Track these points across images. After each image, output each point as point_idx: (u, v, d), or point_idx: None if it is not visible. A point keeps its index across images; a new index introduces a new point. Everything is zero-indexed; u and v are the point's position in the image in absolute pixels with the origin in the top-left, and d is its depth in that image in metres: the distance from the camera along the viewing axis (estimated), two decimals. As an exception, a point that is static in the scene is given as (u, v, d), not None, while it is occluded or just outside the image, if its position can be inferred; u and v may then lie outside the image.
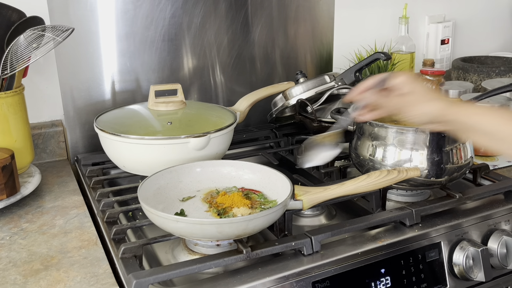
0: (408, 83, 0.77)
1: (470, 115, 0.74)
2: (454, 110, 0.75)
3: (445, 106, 0.75)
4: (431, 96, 0.75)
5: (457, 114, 0.74)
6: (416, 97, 0.75)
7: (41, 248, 0.89)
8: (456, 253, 0.93)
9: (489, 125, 0.74)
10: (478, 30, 1.93)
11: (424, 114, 0.76)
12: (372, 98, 0.77)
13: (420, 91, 0.75)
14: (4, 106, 1.06)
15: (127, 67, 1.31)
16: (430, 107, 0.75)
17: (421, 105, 0.75)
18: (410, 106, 0.76)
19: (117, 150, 1.10)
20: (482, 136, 0.76)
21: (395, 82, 0.77)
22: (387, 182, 0.90)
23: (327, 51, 1.57)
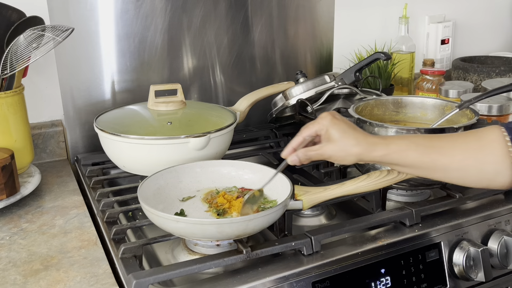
0: (327, 130, 0.80)
1: (390, 154, 0.78)
2: (374, 150, 0.79)
3: (366, 148, 0.78)
4: (352, 141, 0.78)
5: (378, 153, 0.79)
6: (337, 144, 0.79)
7: (41, 248, 0.89)
8: (456, 253, 0.93)
9: (409, 160, 0.78)
10: (478, 30, 1.93)
11: (349, 160, 0.80)
12: (304, 156, 0.81)
13: (338, 136, 0.79)
14: (4, 106, 1.06)
15: (127, 67, 1.31)
16: (352, 152, 0.79)
17: (343, 152, 0.79)
18: (335, 154, 0.80)
19: (117, 150, 1.10)
20: (403, 168, 0.81)
21: (319, 129, 0.81)
22: (387, 182, 0.90)
23: (327, 51, 1.57)
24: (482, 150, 0.77)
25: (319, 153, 0.80)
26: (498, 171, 0.75)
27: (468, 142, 0.78)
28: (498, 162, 0.75)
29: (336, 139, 0.79)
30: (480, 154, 0.77)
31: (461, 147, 0.78)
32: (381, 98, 1.17)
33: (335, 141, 0.79)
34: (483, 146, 0.77)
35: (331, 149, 0.79)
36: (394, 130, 0.97)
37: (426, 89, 1.56)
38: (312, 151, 0.81)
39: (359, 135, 0.80)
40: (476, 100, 1.02)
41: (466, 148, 0.78)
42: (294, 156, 0.82)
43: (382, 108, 1.15)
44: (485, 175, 0.77)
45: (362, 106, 1.12)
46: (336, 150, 0.79)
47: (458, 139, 0.80)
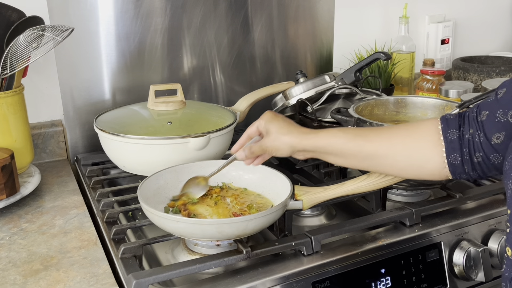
0: (265, 125, 0.85)
1: (319, 140, 0.81)
2: (305, 138, 0.82)
3: (297, 137, 0.82)
4: (285, 131, 0.83)
5: (308, 141, 0.82)
6: (273, 136, 0.83)
7: (40, 248, 0.89)
8: (456, 253, 0.93)
9: (337, 146, 0.80)
10: (478, 30, 1.93)
11: (283, 149, 0.83)
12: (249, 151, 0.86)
13: (275, 129, 0.84)
14: (4, 106, 1.06)
15: (127, 67, 1.31)
16: (284, 141, 0.83)
17: (278, 142, 0.83)
18: (271, 144, 0.84)
19: (117, 150, 1.10)
20: (334, 157, 0.82)
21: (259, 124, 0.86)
22: (387, 182, 0.90)
23: (327, 51, 1.57)
24: (411, 137, 0.77)
25: (259, 146, 0.85)
26: (428, 157, 0.76)
27: (398, 130, 0.80)
28: (428, 148, 0.75)
29: (272, 132, 0.84)
30: (408, 141, 0.77)
31: (388, 135, 0.79)
32: (381, 98, 1.16)
33: (271, 134, 0.84)
34: (413, 133, 0.78)
35: (268, 141, 0.84)
36: (394, 130, 0.97)
37: (426, 89, 1.56)
38: (254, 145, 0.85)
39: (292, 128, 0.84)
40: (476, 100, 1.02)
41: (393, 135, 0.79)
42: (241, 152, 0.87)
43: (382, 108, 1.15)
44: (414, 161, 0.77)
45: (362, 106, 1.12)
46: (271, 141, 0.84)
47: (387, 129, 0.81)
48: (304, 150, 0.83)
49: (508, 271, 0.64)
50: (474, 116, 0.73)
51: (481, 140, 0.71)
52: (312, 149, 0.83)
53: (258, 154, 0.86)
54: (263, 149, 0.85)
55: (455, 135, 0.74)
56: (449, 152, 0.74)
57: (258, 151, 0.85)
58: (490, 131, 0.70)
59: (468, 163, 0.74)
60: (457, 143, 0.74)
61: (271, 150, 0.84)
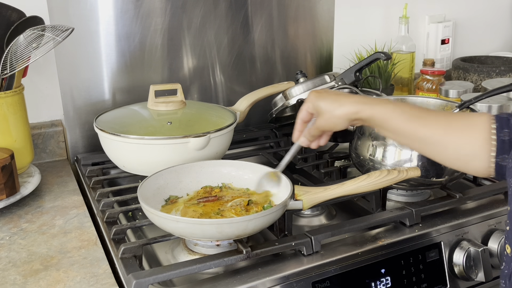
0: (314, 106, 0.84)
1: (375, 113, 0.80)
2: (361, 109, 0.81)
3: (351, 107, 0.81)
4: (336, 105, 0.82)
5: (364, 112, 0.81)
6: (326, 114, 0.82)
7: (40, 248, 0.89)
8: (456, 253, 0.93)
9: (392, 123, 0.79)
10: (478, 30, 1.93)
11: (340, 123, 0.83)
12: (308, 134, 0.86)
13: (325, 108, 0.82)
14: (4, 106, 1.06)
15: (127, 67, 1.31)
16: (339, 115, 0.82)
17: (333, 119, 0.82)
18: (326, 123, 0.83)
19: (117, 150, 1.10)
20: (388, 132, 0.82)
21: (307, 107, 0.85)
22: (387, 182, 0.90)
23: (327, 51, 1.57)
24: (465, 130, 0.76)
25: (316, 127, 0.84)
26: (476, 154, 0.75)
27: (453, 120, 0.78)
28: (478, 145, 0.75)
29: (324, 109, 0.83)
30: (461, 134, 0.76)
31: (445, 123, 0.78)
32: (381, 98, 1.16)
33: (324, 112, 0.83)
34: (467, 127, 0.77)
35: (323, 119, 0.83)
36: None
37: (426, 89, 1.56)
38: (312, 128, 0.85)
39: (343, 98, 0.83)
40: (476, 100, 1.02)
41: (449, 125, 0.78)
42: (302, 138, 0.87)
43: (382, 108, 1.15)
44: (462, 155, 0.77)
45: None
46: (326, 118, 0.83)
47: (445, 115, 0.80)
48: (360, 119, 0.82)
49: (508, 268, 0.64)
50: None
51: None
52: (367, 120, 0.81)
53: (318, 135, 0.86)
54: (321, 130, 0.84)
55: (507, 136, 0.73)
56: (499, 153, 0.73)
57: (317, 133, 0.85)
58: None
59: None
60: (508, 144, 0.72)
61: (329, 128, 0.83)
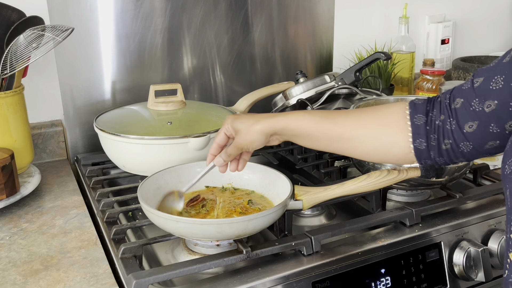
0: (232, 126, 0.83)
1: (288, 122, 0.80)
2: (275, 121, 0.81)
3: (266, 122, 0.81)
4: (252, 121, 0.82)
5: (278, 123, 0.81)
6: (243, 131, 0.82)
7: (41, 248, 0.89)
8: (456, 253, 0.93)
9: (305, 128, 0.80)
10: (478, 30, 1.93)
11: (257, 139, 0.82)
12: (225, 154, 0.85)
13: (242, 125, 0.82)
14: (4, 106, 1.06)
15: (127, 67, 1.31)
16: (256, 130, 0.81)
17: (250, 134, 0.82)
18: (244, 140, 0.82)
19: (117, 150, 1.10)
20: (304, 139, 0.82)
21: (226, 129, 0.84)
22: (387, 182, 0.90)
23: (327, 51, 1.57)
24: (378, 120, 0.77)
25: (233, 146, 0.83)
26: (394, 142, 0.75)
27: (366, 114, 0.79)
28: (394, 132, 0.75)
29: (240, 128, 0.82)
30: (375, 124, 0.77)
31: (355, 118, 0.79)
32: (381, 98, 1.17)
33: (241, 130, 0.82)
34: (381, 116, 0.77)
35: (240, 138, 0.83)
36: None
37: (426, 89, 1.56)
38: (229, 148, 0.84)
39: (258, 116, 0.83)
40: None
41: (361, 118, 0.79)
42: (218, 157, 0.85)
43: (382, 108, 1.15)
44: (379, 145, 0.77)
45: (362, 106, 1.12)
46: (243, 136, 0.82)
47: (357, 111, 0.81)
48: (276, 133, 0.82)
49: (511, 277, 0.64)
50: (447, 103, 0.72)
51: (453, 127, 0.71)
52: (282, 132, 0.82)
53: (235, 155, 0.84)
54: (239, 148, 0.83)
55: (421, 120, 0.74)
56: (415, 137, 0.74)
57: (234, 152, 0.83)
58: (463, 119, 0.70)
59: (434, 149, 0.73)
60: (423, 129, 0.73)
61: (247, 145, 0.83)
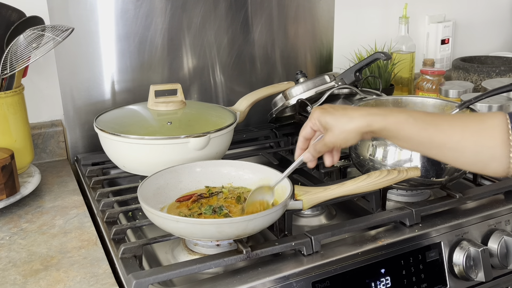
0: (320, 122, 0.81)
1: (388, 124, 0.78)
2: (373, 121, 0.79)
3: (363, 120, 0.79)
4: (346, 119, 0.79)
5: (377, 124, 0.78)
6: (335, 129, 0.80)
7: (40, 248, 0.89)
8: (456, 253, 0.93)
9: (406, 133, 0.77)
10: (478, 30, 1.93)
11: (352, 137, 0.80)
12: (314, 150, 0.83)
13: (334, 122, 0.80)
14: (4, 106, 1.06)
15: (127, 67, 1.31)
16: (350, 129, 0.79)
17: (344, 133, 0.79)
18: (337, 139, 0.80)
19: (117, 150, 1.10)
20: (402, 142, 0.80)
21: (313, 124, 0.82)
22: (387, 182, 0.90)
23: (327, 51, 1.57)
24: (482, 133, 0.75)
25: (324, 144, 0.81)
26: (495, 156, 0.74)
27: (469, 124, 0.77)
28: (496, 147, 0.74)
29: (331, 125, 0.80)
30: (478, 137, 0.75)
31: (460, 127, 0.77)
32: (381, 98, 1.17)
33: (331, 128, 0.80)
34: (483, 129, 0.75)
35: (331, 136, 0.80)
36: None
37: (426, 89, 1.56)
38: (318, 144, 0.82)
39: (351, 112, 0.80)
40: (476, 100, 1.02)
41: (465, 129, 0.76)
42: (307, 153, 0.84)
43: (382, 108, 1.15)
44: (480, 158, 0.75)
45: (362, 106, 1.12)
46: (336, 135, 0.80)
47: (459, 119, 0.78)
48: (372, 131, 0.80)
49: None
50: None
51: None
52: (379, 132, 0.79)
53: (324, 151, 0.83)
54: (329, 146, 0.81)
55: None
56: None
57: (324, 149, 0.82)
58: None
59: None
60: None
61: (340, 144, 0.81)
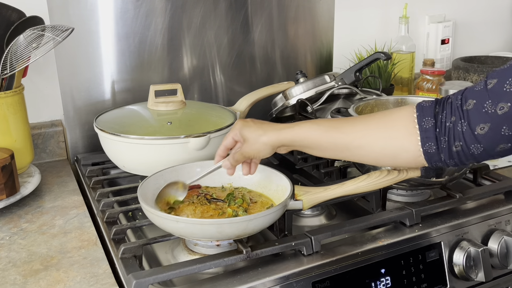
0: (240, 133, 0.85)
1: (295, 134, 0.82)
2: (281, 134, 0.82)
3: (273, 134, 0.82)
4: (260, 132, 0.83)
5: (284, 136, 0.82)
6: (250, 140, 0.84)
7: (40, 248, 0.89)
8: (456, 253, 0.93)
9: (312, 139, 0.81)
10: (478, 30, 1.93)
11: (264, 149, 0.84)
12: (233, 159, 0.86)
13: (250, 135, 0.84)
14: (4, 106, 1.06)
15: (127, 67, 1.31)
16: (263, 141, 0.83)
17: (257, 145, 0.83)
18: (251, 149, 0.84)
19: (117, 150, 1.10)
20: (312, 149, 0.83)
21: (234, 134, 0.86)
22: (387, 182, 0.90)
23: (327, 51, 1.57)
24: (386, 126, 0.77)
25: (241, 153, 0.85)
26: (403, 147, 0.75)
27: (373, 120, 0.79)
28: (403, 138, 0.75)
29: (248, 137, 0.84)
30: (383, 130, 0.77)
31: (363, 125, 0.79)
32: (381, 98, 1.16)
33: (248, 139, 0.84)
34: (388, 122, 0.77)
35: (247, 147, 0.84)
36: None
37: (426, 89, 1.56)
38: (237, 153, 0.86)
39: (266, 126, 0.84)
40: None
41: (368, 125, 0.78)
42: (226, 161, 0.88)
43: (382, 108, 1.15)
44: (389, 151, 0.77)
45: (362, 106, 1.12)
46: (250, 146, 0.84)
47: (364, 118, 0.81)
48: (283, 145, 0.84)
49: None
50: (459, 104, 0.71)
51: (464, 129, 0.70)
52: (290, 144, 0.83)
53: (242, 161, 0.87)
54: (245, 156, 0.85)
55: (430, 123, 0.73)
56: (424, 141, 0.73)
57: (241, 158, 0.86)
58: (474, 121, 0.69)
59: (445, 151, 0.72)
60: (432, 132, 0.73)
61: (254, 154, 0.85)
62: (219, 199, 0.91)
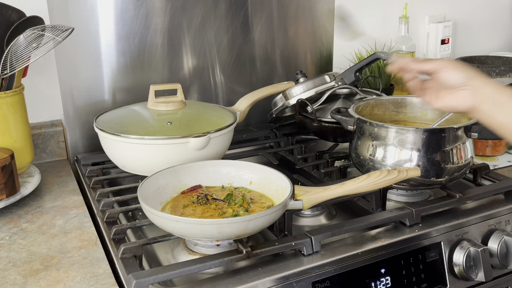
0: (446, 70, 0.77)
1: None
2: (489, 106, 0.75)
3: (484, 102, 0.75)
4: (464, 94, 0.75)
5: (494, 122, 0.75)
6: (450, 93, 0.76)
7: (40, 248, 0.89)
8: (456, 253, 0.93)
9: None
10: (478, 30, 1.93)
11: (458, 106, 0.77)
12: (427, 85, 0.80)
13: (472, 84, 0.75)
14: (4, 106, 1.06)
15: (127, 67, 1.31)
16: (462, 105, 0.76)
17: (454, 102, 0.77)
18: (452, 98, 0.77)
19: (117, 150, 1.10)
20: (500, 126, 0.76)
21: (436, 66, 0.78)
22: (387, 182, 0.90)
23: (327, 51, 1.57)
24: None
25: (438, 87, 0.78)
26: None
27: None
28: None
29: (452, 86, 0.77)
30: None
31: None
32: (381, 98, 1.17)
33: (450, 89, 0.77)
34: None
35: (449, 94, 0.77)
36: (394, 130, 0.97)
37: (426, 89, 1.56)
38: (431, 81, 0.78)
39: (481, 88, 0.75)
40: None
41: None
42: None
43: (382, 108, 1.15)
44: None
45: (362, 106, 1.12)
46: (449, 99, 0.77)
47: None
48: (479, 111, 0.76)
49: None
50: None
51: None
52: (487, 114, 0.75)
53: (431, 87, 0.79)
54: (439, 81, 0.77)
55: None
56: None
57: (433, 86, 0.78)
58: None
59: None
60: None
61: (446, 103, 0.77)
62: (219, 199, 0.91)
